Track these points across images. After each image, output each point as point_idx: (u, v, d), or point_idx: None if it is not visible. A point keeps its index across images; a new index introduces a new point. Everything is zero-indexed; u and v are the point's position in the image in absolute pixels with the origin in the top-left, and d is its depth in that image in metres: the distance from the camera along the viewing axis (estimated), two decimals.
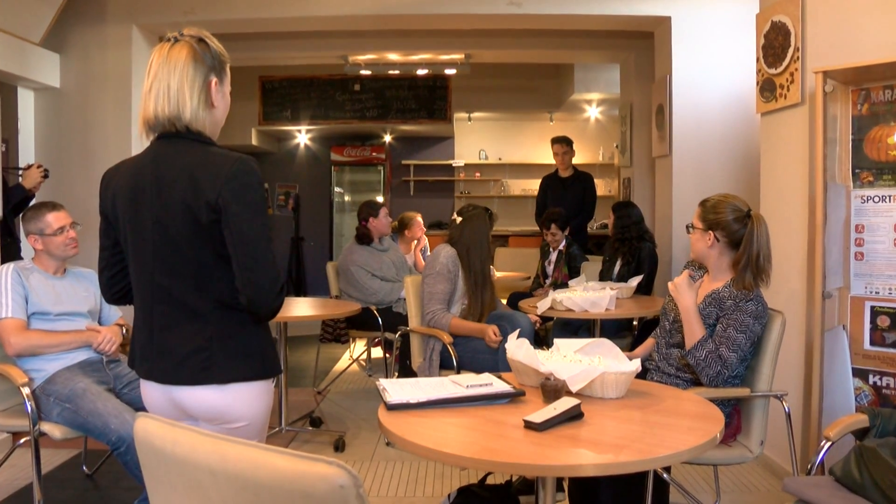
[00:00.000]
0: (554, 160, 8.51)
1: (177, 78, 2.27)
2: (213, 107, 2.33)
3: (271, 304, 2.24)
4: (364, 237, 6.78)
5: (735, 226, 3.44)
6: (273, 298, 2.23)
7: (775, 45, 4.61)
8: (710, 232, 3.48)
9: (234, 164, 2.22)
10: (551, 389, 2.61)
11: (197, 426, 2.38)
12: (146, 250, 2.30)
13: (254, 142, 12.00)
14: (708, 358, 3.30)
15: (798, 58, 4.39)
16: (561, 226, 7.15)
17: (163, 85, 2.27)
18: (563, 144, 8.31)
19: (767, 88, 4.72)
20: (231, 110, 2.48)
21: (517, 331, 3.16)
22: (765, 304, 3.39)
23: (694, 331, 3.37)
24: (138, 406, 3.72)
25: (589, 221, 8.60)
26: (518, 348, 2.91)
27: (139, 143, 6.71)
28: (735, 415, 3.49)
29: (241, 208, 2.19)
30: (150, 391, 2.38)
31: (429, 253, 7.46)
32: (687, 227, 3.62)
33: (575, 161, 8.44)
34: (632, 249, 6.23)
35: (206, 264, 2.25)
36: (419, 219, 7.88)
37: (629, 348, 5.24)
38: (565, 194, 8.23)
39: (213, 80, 2.32)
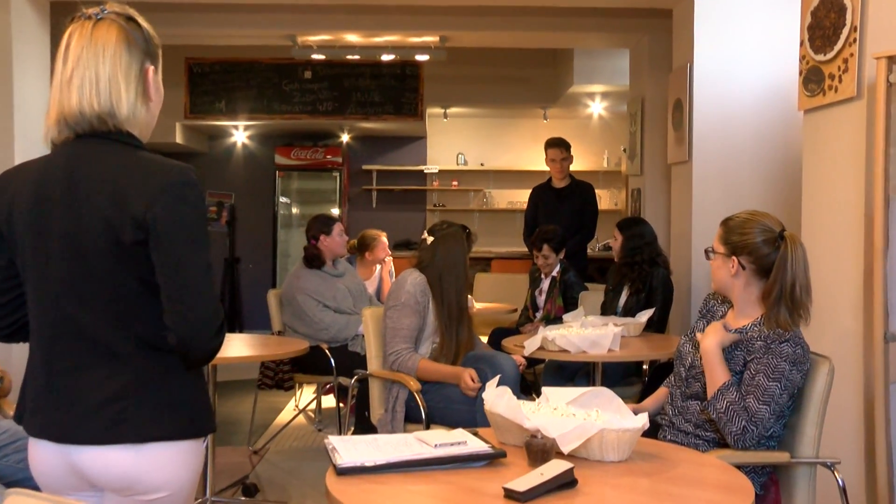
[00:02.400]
0: (548, 167, 8.53)
1: (108, 65, 2.27)
2: (150, 100, 2.36)
3: (207, 344, 2.24)
4: (314, 259, 6.76)
5: (764, 249, 3.43)
6: (209, 338, 2.23)
7: (825, 24, 4.60)
8: (734, 258, 3.47)
9: (169, 173, 2.23)
10: (538, 450, 2.60)
11: (99, 500, 2.33)
12: (51, 274, 2.28)
13: (178, 139, 11.98)
14: (730, 410, 3.27)
15: (855, 40, 4.36)
16: (555, 247, 7.14)
17: (90, 73, 2.26)
18: (560, 149, 8.34)
19: (813, 79, 4.71)
20: None
21: (498, 377, 3.13)
22: (805, 346, 3.36)
23: (715, 376, 3.35)
24: (16, 478, 3.61)
25: (589, 241, 8.60)
26: (499, 398, 2.89)
27: (25, 140, 6.58)
28: (771, 486, 3.46)
29: (176, 228, 2.20)
30: (42, 453, 2.32)
31: (393, 279, 7.45)
32: (706, 251, 3.60)
33: (573, 168, 8.46)
34: (642, 276, 6.23)
35: (127, 293, 2.24)
36: (383, 238, 7.86)
37: (637, 399, 5.20)
38: (560, 208, 8.24)
39: (150, 67, 2.35)
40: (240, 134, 13.47)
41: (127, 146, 2.30)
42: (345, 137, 13.36)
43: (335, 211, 12.95)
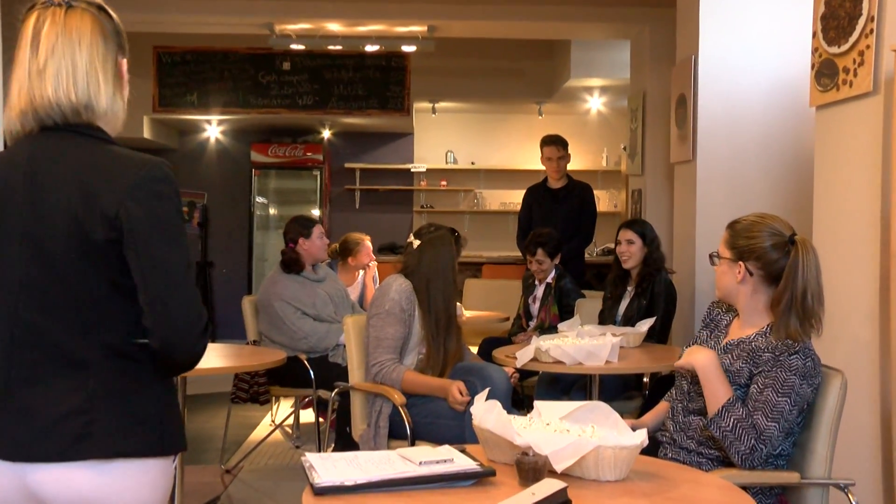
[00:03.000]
0: (543, 166, 8.53)
1: (85, 55, 2.28)
2: (124, 94, 2.39)
3: (192, 347, 2.26)
4: (291, 264, 6.75)
5: (773, 254, 3.43)
6: (194, 340, 2.25)
7: (840, 14, 4.59)
8: (741, 263, 3.47)
9: (142, 167, 2.24)
10: (529, 468, 2.59)
11: None
12: (8, 277, 2.26)
13: (146, 134, 11.95)
14: (737, 428, 3.25)
15: (872, 31, 4.35)
16: (550, 251, 7.14)
17: (66, 63, 2.27)
18: (557, 147, 8.34)
19: (826, 73, 4.71)
20: None
21: (487, 390, 3.12)
22: (816, 359, 3.36)
23: (717, 393, 3.34)
24: None
25: (587, 246, 8.60)
26: (488, 413, 2.89)
27: None
28: None
29: (152, 224, 2.21)
30: None
31: (377, 285, 7.43)
32: (711, 256, 3.60)
33: (570, 167, 8.46)
34: (644, 283, 6.23)
35: (95, 298, 2.23)
36: (367, 242, 7.86)
37: (637, 414, 5.19)
38: (557, 210, 8.25)
39: (123, 60, 2.37)
40: (213, 129, 13.44)
41: (96, 140, 2.30)
42: (326, 133, 13.35)
43: (315, 212, 12.94)
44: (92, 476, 2.21)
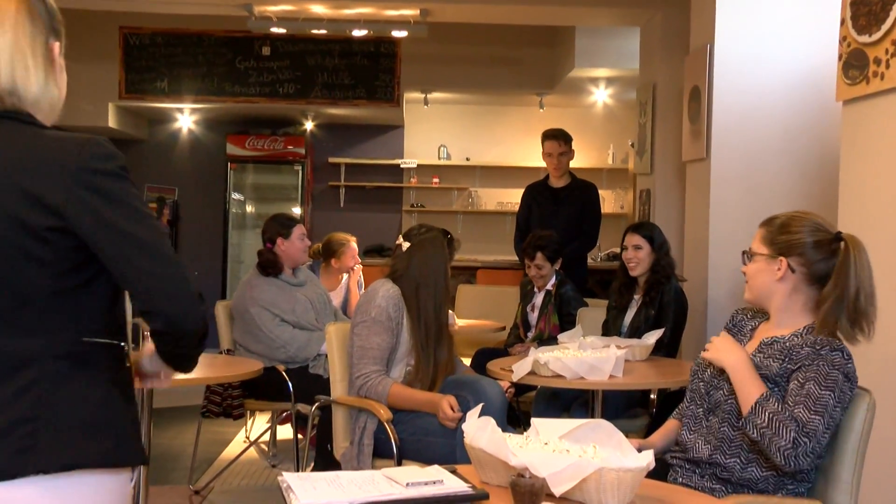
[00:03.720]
0: (544, 163, 8.53)
1: (9, 36, 2.26)
2: (59, 82, 2.36)
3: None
4: (269, 266, 6.75)
5: (816, 252, 3.47)
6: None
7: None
8: (782, 259, 3.48)
9: (83, 148, 2.22)
10: (526, 491, 2.59)
11: None
12: None
13: (111, 123, 11.95)
14: (774, 423, 3.23)
15: None
16: (550, 255, 7.14)
17: None
18: (558, 142, 8.35)
19: (855, 64, 4.70)
20: (76, 77, 2.43)
21: (481, 405, 3.12)
22: (854, 367, 3.35)
23: (750, 391, 3.32)
24: None
25: (590, 250, 8.59)
26: (481, 431, 2.89)
27: None
28: None
29: (113, 207, 2.21)
30: None
31: (363, 291, 7.41)
32: (744, 254, 3.60)
33: (573, 165, 8.46)
34: (656, 292, 6.21)
35: (38, 293, 2.21)
36: (353, 243, 7.86)
37: (643, 434, 5.18)
38: (558, 211, 8.26)
39: (55, 43, 2.34)
40: (185, 118, 13.43)
41: (28, 125, 2.28)
42: (308, 125, 13.35)
43: (296, 210, 12.94)
44: (35, 493, 2.17)
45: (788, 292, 3.51)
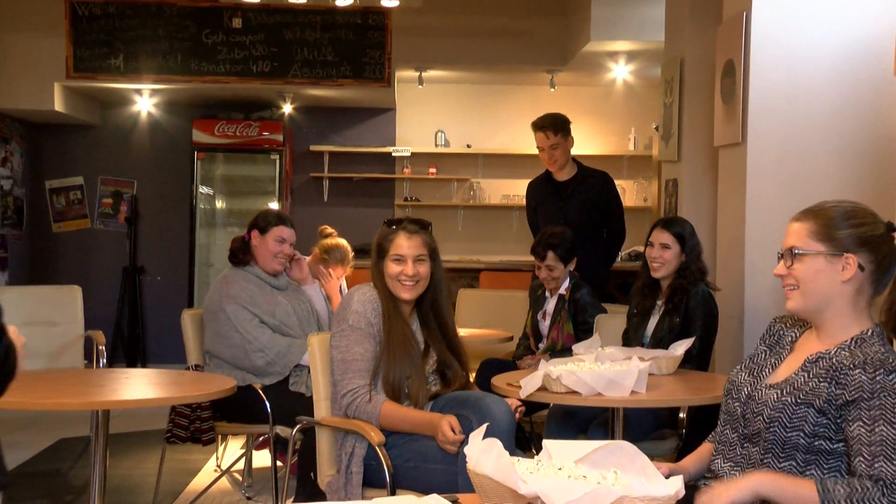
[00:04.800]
0: (540, 158, 8.57)
1: None
2: None
3: None
4: (238, 253, 6.78)
5: (887, 245, 3.46)
6: None
7: None
8: (850, 255, 3.44)
9: None
10: None
11: None
12: None
13: (57, 106, 11.91)
14: (856, 497, 3.14)
15: None
16: (563, 255, 7.14)
17: None
18: (546, 133, 8.38)
19: None
20: (15, 52, 2.42)
21: (485, 426, 3.11)
22: None
23: (800, 494, 3.22)
24: None
25: (619, 248, 8.63)
26: (486, 454, 2.88)
27: None
28: None
29: None
30: None
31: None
32: (788, 253, 3.52)
33: (593, 151, 8.51)
34: (680, 297, 6.21)
35: None
36: (349, 251, 7.93)
37: (672, 458, 5.19)
38: (565, 208, 8.29)
39: None
40: (144, 101, 13.41)
41: None
42: (286, 108, 13.33)
43: (273, 206, 12.91)
44: None
45: (853, 294, 3.45)
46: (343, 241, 8.03)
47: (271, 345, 6.57)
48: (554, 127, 8.34)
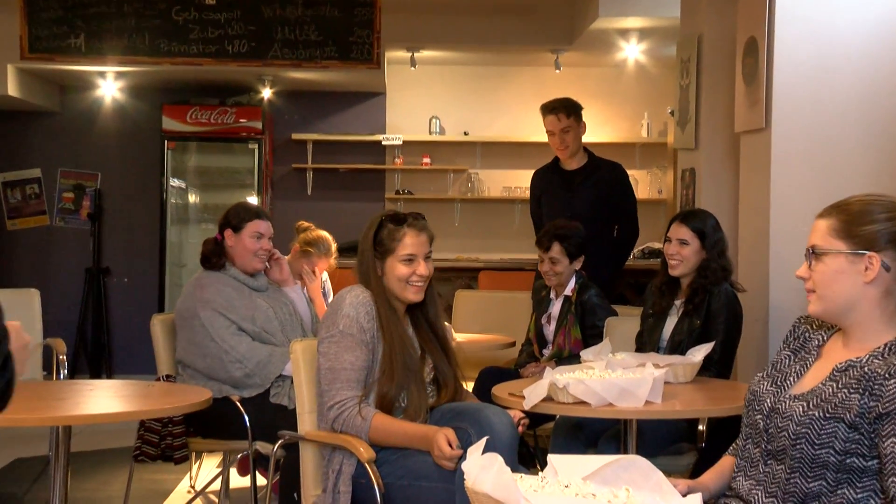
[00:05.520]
0: (549, 143, 8.56)
1: None
2: None
3: None
4: (211, 257, 6.74)
5: None
6: None
7: None
8: (872, 254, 3.43)
9: None
10: None
11: None
12: None
13: (11, 91, 11.93)
14: None
15: None
16: (571, 249, 7.13)
17: None
18: (558, 115, 8.40)
19: None
20: None
21: (485, 440, 3.12)
22: None
23: None
24: None
25: (632, 245, 8.64)
26: (485, 471, 2.89)
27: None
28: None
29: None
30: None
31: (331, 298, 7.41)
32: (809, 252, 3.52)
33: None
34: (702, 298, 6.21)
35: None
36: (332, 242, 7.90)
37: (690, 474, 5.19)
38: (573, 201, 8.31)
39: None
40: (108, 85, 13.39)
41: None
42: (266, 93, 13.30)
43: (252, 199, 12.90)
44: None
45: (879, 297, 3.44)
46: (324, 233, 8.01)
47: (250, 354, 6.53)
48: (567, 109, 8.37)
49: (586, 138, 8.57)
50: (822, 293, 3.49)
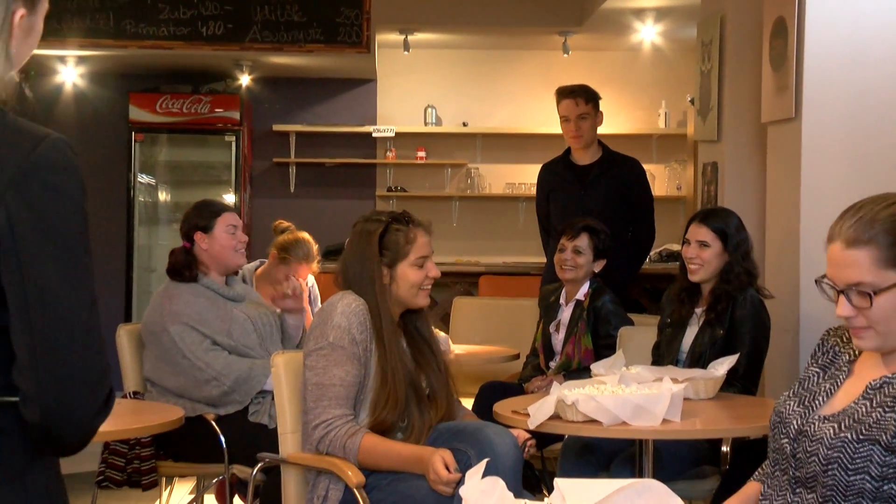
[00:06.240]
0: (562, 131, 8.56)
1: None
2: (13, 55, 2.49)
3: (88, 422, 2.27)
4: (181, 269, 6.71)
5: None
6: (93, 413, 2.27)
7: None
8: None
9: (36, 145, 2.30)
10: None
11: None
12: None
13: None
14: None
15: None
16: (600, 246, 7.14)
17: None
18: (576, 100, 8.41)
19: None
20: None
21: (485, 462, 3.12)
22: None
23: None
24: None
25: (648, 248, 8.65)
26: (486, 496, 2.91)
27: None
28: None
29: (42, 233, 2.22)
30: None
31: (318, 306, 7.41)
32: (853, 292, 3.45)
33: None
34: (725, 305, 6.21)
35: None
36: (312, 244, 7.88)
37: (714, 500, 5.19)
38: (585, 198, 8.33)
39: (20, 11, 2.45)
40: (68, 71, 13.40)
41: None
42: (244, 80, 13.33)
43: (229, 198, 12.92)
44: None
45: None
46: (305, 235, 7.98)
47: (227, 370, 6.50)
48: (585, 95, 8.40)
49: (598, 129, 8.57)
50: (886, 329, 3.42)
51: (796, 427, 3.55)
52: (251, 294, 7.06)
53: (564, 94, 8.46)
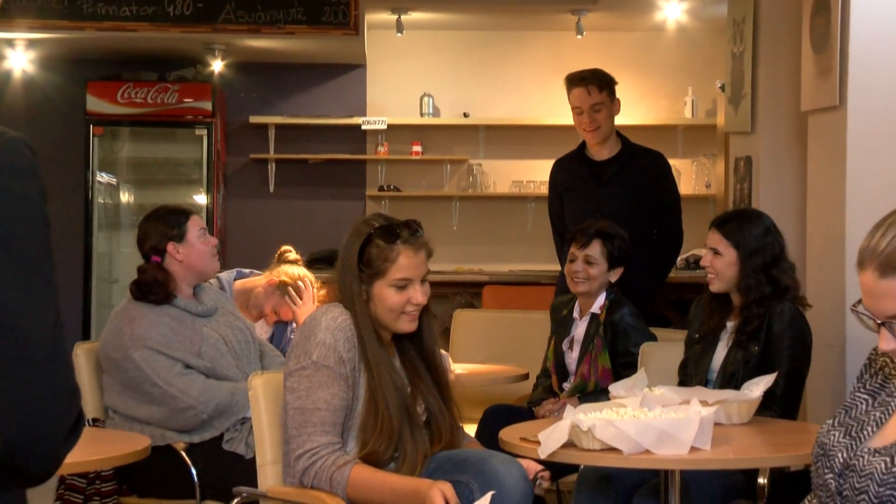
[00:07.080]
0: (575, 124, 8.57)
1: None
2: None
3: (54, 450, 2.28)
4: (154, 288, 6.67)
5: None
6: (59, 441, 2.28)
7: None
8: None
9: None
10: None
11: None
12: None
13: None
14: None
15: None
16: (614, 253, 7.15)
17: None
18: (588, 87, 8.42)
19: None
20: None
21: (490, 494, 3.12)
22: None
23: None
24: None
25: (676, 254, 8.66)
26: None
27: None
28: None
29: None
30: None
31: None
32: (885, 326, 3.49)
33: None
34: (759, 319, 6.21)
35: None
36: (298, 264, 7.85)
37: None
38: (603, 197, 8.32)
39: None
40: (18, 56, 13.42)
41: None
42: (217, 66, 13.34)
43: (200, 199, 12.92)
44: None
45: None
46: (311, 276, 7.88)
47: (206, 397, 6.46)
48: (599, 81, 8.38)
49: (616, 120, 8.56)
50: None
51: (842, 461, 3.54)
52: (226, 304, 7.01)
53: (575, 81, 8.45)
